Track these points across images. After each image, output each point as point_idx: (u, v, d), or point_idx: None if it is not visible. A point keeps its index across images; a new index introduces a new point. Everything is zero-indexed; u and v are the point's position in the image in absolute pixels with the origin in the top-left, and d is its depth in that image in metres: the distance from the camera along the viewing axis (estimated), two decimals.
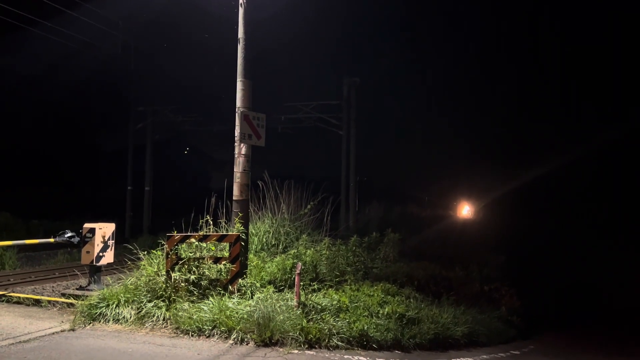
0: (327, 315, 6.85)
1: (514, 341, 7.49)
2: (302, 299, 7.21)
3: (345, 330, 6.54)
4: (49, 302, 8.40)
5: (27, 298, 8.64)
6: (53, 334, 6.70)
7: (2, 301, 8.64)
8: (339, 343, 6.37)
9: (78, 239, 9.19)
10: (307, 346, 6.31)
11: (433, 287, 8.84)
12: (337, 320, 6.74)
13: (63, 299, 8.46)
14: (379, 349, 6.41)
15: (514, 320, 7.99)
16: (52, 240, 9.52)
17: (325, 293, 7.80)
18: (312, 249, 9.46)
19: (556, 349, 7.40)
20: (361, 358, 6.08)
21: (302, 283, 7.69)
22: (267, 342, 6.36)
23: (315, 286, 8.12)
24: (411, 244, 12.28)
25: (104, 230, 9.06)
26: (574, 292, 10.83)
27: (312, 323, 6.63)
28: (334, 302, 7.28)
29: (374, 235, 11.40)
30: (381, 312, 7.14)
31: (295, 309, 6.91)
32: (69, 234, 9.35)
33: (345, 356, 6.11)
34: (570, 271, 12.68)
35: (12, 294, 8.86)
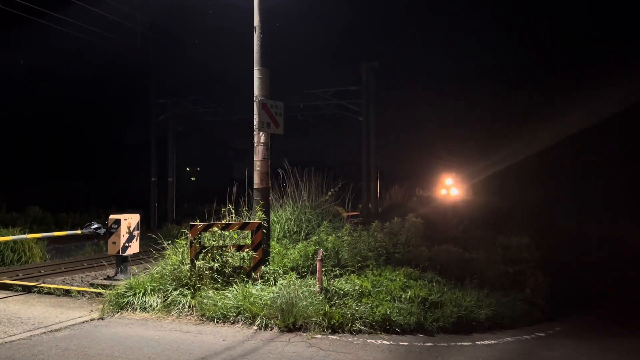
0: (350, 300, 6.90)
1: (539, 323, 7.40)
2: (325, 284, 7.26)
3: (368, 314, 6.58)
4: (78, 292, 8.62)
5: (57, 288, 8.89)
6: (83, 322, 6.90)
7: (34, 292, 8.91)
8: (362, 327, 6.42)
9: (104, 230, 9.40)
10: (330, 331, 6.38)
11: (456, 271, 8.75)
12: (360, 305, 6.78)
13: (92, 289, 8.68)
14: (402, 332, 6.43)
15: (539, 302, 7.88)
16: (79, 232, 9.76)
17: (347, 278, 7.84)
18: (333, 235, 9.47)
19: (582, 331, 7.29)
20: (384, 342, 6.11)
21: (324, 269, 7.73)
22: (291, 328, 6.45)
23: (337, 272, 8.15)
24: (433, 228, 12.17)
25: (129, 221, 9.23)
26: (601, 272, 10.63)
27: (334, 308, 6.68)
28: (356, 287, 7.32)
29: (395, 220, 11.34)
30: (404, 296, 7.15)
31: (317, 294, 6.97)
32: (95, 226, 9.56)
33: (369, 340, 6.16)
34: (597, 251, 12.44)
35: (43, 285, 9.12)
